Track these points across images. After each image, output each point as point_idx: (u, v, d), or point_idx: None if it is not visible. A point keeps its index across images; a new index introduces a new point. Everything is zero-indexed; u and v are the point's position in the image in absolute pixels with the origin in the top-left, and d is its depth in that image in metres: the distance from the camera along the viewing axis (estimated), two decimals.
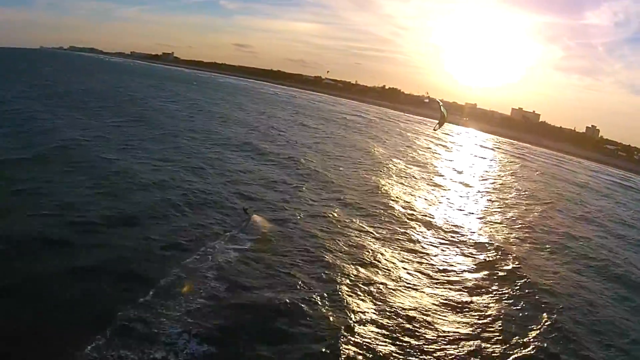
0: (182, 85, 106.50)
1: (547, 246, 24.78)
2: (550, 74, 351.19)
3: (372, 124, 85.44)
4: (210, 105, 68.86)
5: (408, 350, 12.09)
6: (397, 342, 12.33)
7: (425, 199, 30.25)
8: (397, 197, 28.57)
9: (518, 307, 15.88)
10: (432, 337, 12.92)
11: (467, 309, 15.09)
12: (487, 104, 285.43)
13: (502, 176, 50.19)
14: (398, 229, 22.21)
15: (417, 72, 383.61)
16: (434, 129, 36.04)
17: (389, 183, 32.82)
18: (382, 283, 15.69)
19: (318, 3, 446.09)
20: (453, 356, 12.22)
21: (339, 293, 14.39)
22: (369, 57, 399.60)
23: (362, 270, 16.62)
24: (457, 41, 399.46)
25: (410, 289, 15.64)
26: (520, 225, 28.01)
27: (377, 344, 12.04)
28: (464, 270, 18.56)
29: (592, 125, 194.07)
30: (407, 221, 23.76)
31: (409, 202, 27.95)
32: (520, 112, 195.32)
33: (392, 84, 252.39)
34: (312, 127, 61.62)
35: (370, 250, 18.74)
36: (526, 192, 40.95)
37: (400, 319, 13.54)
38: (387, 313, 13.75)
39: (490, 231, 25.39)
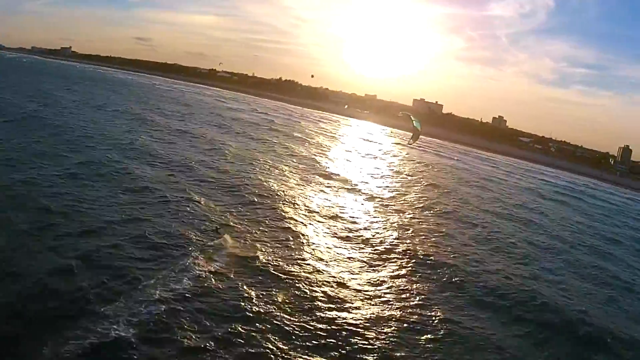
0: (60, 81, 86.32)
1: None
2: (451, 65, 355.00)
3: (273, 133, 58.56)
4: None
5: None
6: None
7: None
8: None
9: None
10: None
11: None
12: (388, 95, 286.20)
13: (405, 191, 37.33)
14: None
15: (316, 64, 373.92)
16: (409, 143, 32.98)
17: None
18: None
19: None
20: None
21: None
22: (267, 49, 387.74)
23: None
24: (357, 32, 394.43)
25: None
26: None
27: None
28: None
29: (498, 116, 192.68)
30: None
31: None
32: (423, 103, 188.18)
33: (291, 76, 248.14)
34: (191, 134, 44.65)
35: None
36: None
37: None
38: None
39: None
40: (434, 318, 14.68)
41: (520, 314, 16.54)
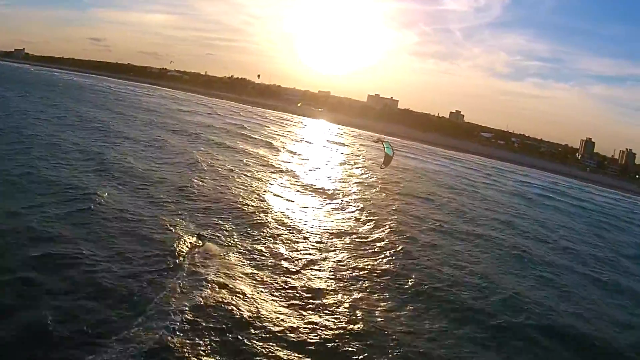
0: None
1: None
2: (405, 60, 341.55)
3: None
4: None
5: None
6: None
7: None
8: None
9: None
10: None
11: None
12: (342, 91, 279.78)
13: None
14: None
15: (269, 62, 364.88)
16: (381, 167, 31.00)
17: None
18: None
19: None
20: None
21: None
22: (220, 48, 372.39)
23: None
24: (310, 28, 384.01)
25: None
26: None
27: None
28: None
29: (456, 110, 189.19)
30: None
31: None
32: (378, 99, 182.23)
33: (244, 74, 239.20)
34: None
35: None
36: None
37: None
38: None
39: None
40: None
41: None
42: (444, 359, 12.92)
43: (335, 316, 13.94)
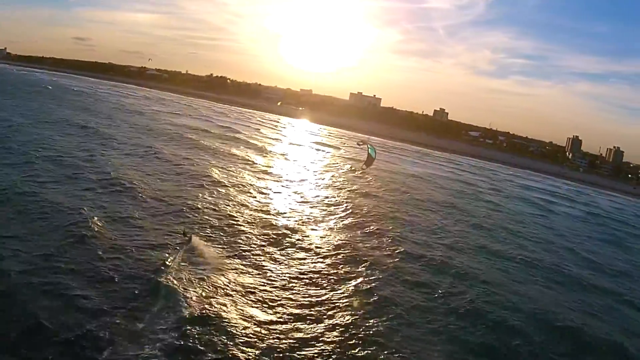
0: None
1: None
2: (388, 58, 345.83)
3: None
4: None
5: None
6: None
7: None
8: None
9: None
10: None
11: None
12: (325, 89, 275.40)
13: None
14: None
15: (252, 60, 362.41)
16: (362, 168, 34.42)
17: None
18: None
19: None
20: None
21: None
22: (203, 46, 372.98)
23: None
24: (293, 27, 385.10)
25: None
26: None
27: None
28: None
29: (440, 108, 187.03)
30: None
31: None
32: (360, 97, 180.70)
33: (226, 73, 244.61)
34: None
35: None
36: None
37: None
38: None
39: None
40: None
41: None
42: None
43: (325, 313, 13.11)
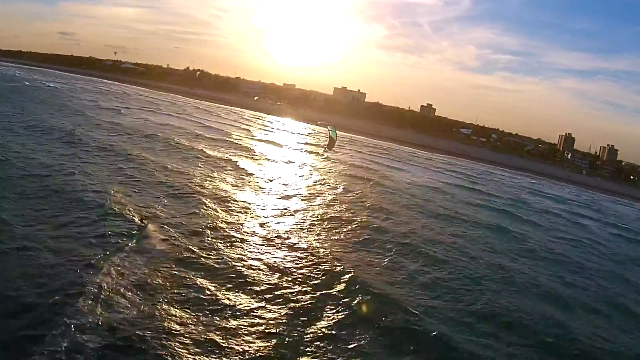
0: None
1: None
2: (373, 53, 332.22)
3: None
4: None
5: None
6: None
7: None
8: None
9: None
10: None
11: None
12: (309, 84, 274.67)
13: None
14: None
15: (237, 55, 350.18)
16: (324, 151, 33.56)
17: None
18: None
19: None
20: None
21: None
22: (188, 41, 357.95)
23: None
24: (278, 22, 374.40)
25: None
26: None
27: None
28: None
29: (427, 104, 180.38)
30: None
31: None
32: (345, 92, 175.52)
33: (211, 68, 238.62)
34: None
35: None
36: None
37: None
38: None
39: None
40: None
41: None
42: None
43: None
